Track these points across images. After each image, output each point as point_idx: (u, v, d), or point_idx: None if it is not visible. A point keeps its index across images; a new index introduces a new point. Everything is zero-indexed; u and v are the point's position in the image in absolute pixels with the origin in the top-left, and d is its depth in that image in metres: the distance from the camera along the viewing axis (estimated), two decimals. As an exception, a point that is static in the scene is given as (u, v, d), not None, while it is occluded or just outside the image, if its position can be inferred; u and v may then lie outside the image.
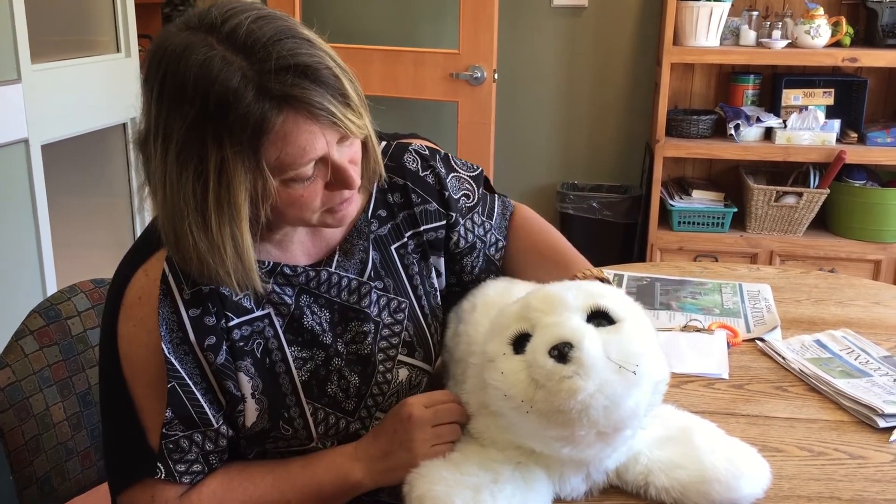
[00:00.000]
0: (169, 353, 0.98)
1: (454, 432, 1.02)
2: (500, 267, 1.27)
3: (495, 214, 1.27)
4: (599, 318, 0.93)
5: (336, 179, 0.98)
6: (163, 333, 0.98)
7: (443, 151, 1.24)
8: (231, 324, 1.01)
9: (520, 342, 0.94)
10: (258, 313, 1.04)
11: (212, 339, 1.00)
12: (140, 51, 3.12)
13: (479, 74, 2.94)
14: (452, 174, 1.22)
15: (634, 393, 0.89)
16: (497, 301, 1.13)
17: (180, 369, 0.98)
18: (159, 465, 0.99)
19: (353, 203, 1.03)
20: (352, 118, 0.95)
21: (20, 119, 2.37)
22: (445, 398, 1.04)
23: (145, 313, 0.99)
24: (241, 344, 1.02)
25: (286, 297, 1.05)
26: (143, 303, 0.99)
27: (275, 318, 1.05)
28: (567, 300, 0.94)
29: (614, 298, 0.95)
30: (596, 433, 0.91)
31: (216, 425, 1.01)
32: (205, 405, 1.00)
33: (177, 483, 1.00)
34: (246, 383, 1.02)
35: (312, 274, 1.07)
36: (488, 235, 1.25)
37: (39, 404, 1.26)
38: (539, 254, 1.25)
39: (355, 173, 0.99)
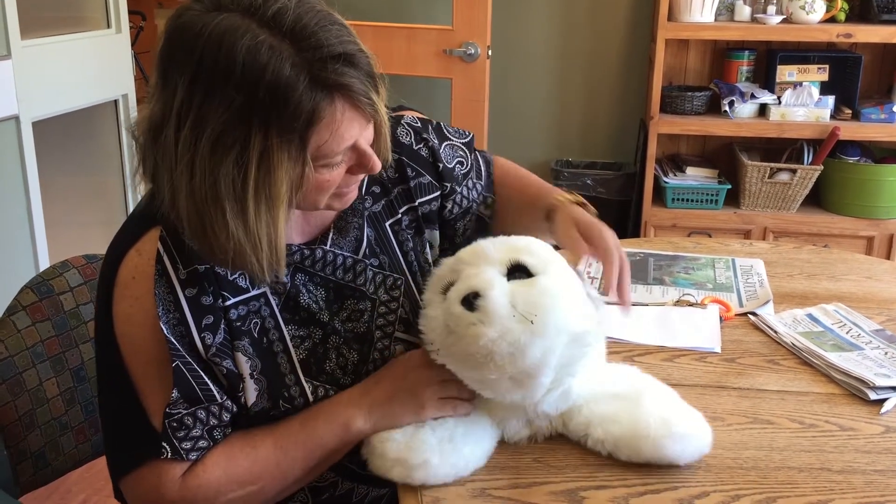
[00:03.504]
0: (168, 333, 0.97)
1: (457, 389, 1.03)
2: (492, 222, 1.28)
3: (482, 172, 1.29)
4: (520, 271, 0.98)
5: (361, 164, 0.99)
6: (160, 313, 0.96)
7: (434, 121, 1.24)
8: (228, 303, 1.00)
9: (447, 291, 1.00)
10: (254, 292, 1.03)
11: (209, 319, 0.99)
12: (131, 27, 3.10)
13: (473, 51, 2.92)
14: (445, 143, 1.23)
15: (539, 342, 0.94)
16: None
17: (181, 348, 0.97)
18: (164, 444, 0.97)
19: (357, 187, 1.05)
20: (379, 103, 0.96)
21: (10, 95, 2.35)
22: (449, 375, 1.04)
23: (141, 293, 0.97)
24: (239, 324, 1.01)
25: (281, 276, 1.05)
26: (138, 282, 0.97)
27: (271, 297, 1.04)
28: (489, 253, 1.00)
29: (535, 254, 1.00)
30: (508, 378, 0.96)
31: (220, 400, 1.00)
32: (209, 382, 0.99)
33: (184, 461, 0.99)
34: (244, 363, 1.01)
35: (307, 252, 1.07)
36: (480, 196, 1.27)
37: (33, 379, 1.26)
38: (524, 199, 1.27)
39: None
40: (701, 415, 1.04)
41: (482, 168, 1.29)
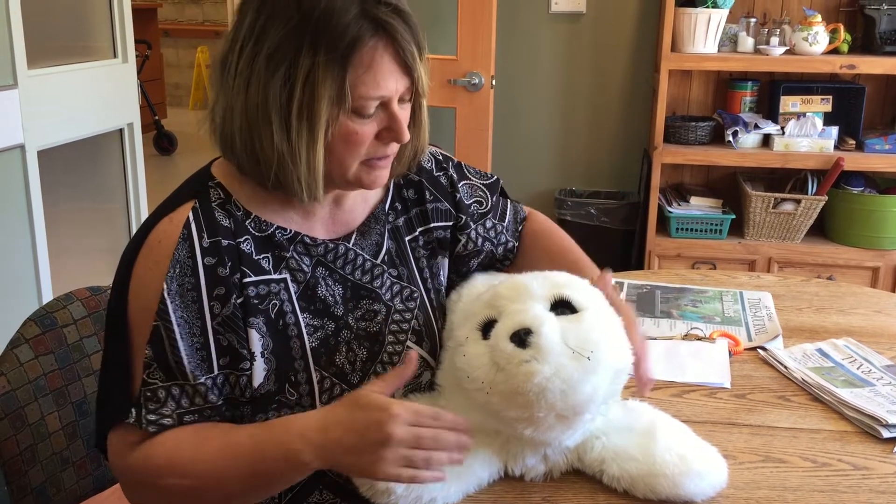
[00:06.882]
0: (168, 293, 0.99)
1: (426, 461, 0.92)
2: (508, 268, 1.32)
3: (507, 217, 1.32)
4: (563, 307, 0.98)
5: (390, 128, 1.04)
6: (172, 274, 1.00)
7: (455, 159, 1.29)
8: (246, 280, 1.04)
9: (487, 328, 0.99)
10: (275, 276, 1.06)
11: (221, 290, 1.02)
12: (136, 56, 3.11)
13: (477, 81, 2.93)
14: (464, 181, 1.28)
15: (591, 378, 0.94)
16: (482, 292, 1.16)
17: (172, 314, 0.99)
18: (133, 409, 0.99)
19: (388, 166, 1.09)
20: (423, 73, 1.04)
21: (16, 124, 2.35)
22: (436, 423, 0.93)
23: (162, 256, 1.01)
24: (256, 301, 1.04)
25: (304, 265, 1.08)
26: (163, 246, 1.01)
27: (290, 284, 1.07)
28: (532, 289, 0.99)
29: (578, 289, 1.01)
30: (555, 416, 0.95)
31: (193, 381, 1.00)
32: (184, 357, 0.99)
33: (141, 431, 0.99)
34: (256, 341, 1.03)
35: (331, 246, 1.11)
36: (499, 237, 1.30)
37: (34, 414, 1.25)
38: (549, 258, 1.28)
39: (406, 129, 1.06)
40: (716, 450, 1.04)
41: (508, 213, 1.32)
